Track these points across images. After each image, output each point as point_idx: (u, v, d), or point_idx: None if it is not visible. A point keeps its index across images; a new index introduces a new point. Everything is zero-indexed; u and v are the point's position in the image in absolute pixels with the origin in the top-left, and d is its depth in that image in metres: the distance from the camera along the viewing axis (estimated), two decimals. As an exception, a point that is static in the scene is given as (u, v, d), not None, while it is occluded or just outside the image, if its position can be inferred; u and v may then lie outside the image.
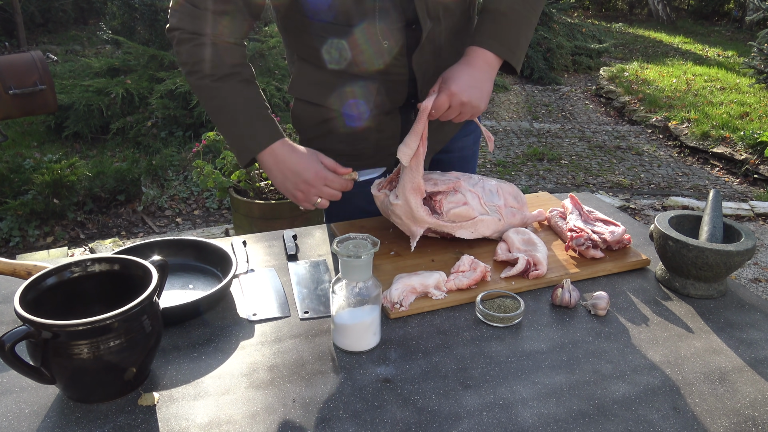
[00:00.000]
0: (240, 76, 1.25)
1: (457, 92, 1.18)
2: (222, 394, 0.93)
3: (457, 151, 1.59)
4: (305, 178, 1.22)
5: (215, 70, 1.23)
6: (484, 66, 1.24)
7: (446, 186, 1.30)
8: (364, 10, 1.23)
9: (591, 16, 13.38)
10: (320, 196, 1.24)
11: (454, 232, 1.30)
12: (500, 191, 1.37)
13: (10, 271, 1.11)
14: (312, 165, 1.23)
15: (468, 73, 1.21)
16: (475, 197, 1.31)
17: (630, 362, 1.01)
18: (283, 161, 1.24)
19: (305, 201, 1.26)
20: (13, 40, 6.86)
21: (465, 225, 1.29)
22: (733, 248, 1.15)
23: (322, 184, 1.23)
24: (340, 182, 1.25)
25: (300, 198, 1.25)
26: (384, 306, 1.12)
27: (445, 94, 1.18)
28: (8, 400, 0.91)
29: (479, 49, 1.24)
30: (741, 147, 5.16)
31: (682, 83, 7.33)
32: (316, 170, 1.23)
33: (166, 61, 5.40)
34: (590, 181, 4.83)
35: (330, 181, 1.24)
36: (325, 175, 1.23)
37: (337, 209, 1.55)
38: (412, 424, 0.87)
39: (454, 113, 1.22)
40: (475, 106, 1.21)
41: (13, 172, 3.94)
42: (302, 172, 1.23)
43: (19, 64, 3.59)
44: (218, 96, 1.24)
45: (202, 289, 1.18)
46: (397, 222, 1.29)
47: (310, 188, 1.23)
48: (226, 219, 3.94)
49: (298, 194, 1.25)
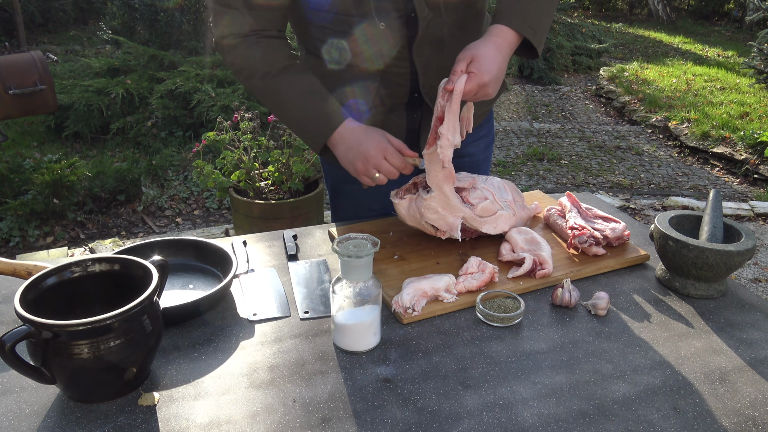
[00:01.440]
0: (295, 67, 1.28)
1: (488, 83, 1.17)
2: (222, 394, 0.93)
3: (468, 156, 1.58)
4: (366, 147, 1.24)
5: (271, 67, 1.26)
6: (504, 45, 1.21)
7: (467, 182, 1.30)
8: (363, 10, 1.23)
9: (591, 16, 13.37)
10: (379, 170, 1.25)
11: (481, 227, 1.29)
12: (506, 187, 1.38)
13: (10, 271, 1.11)
14: (375, 137, 1.25)
15: (498, 61, 1.18)
16: (489, 194, 1.31)
17: (630, 362, 1.01)
18: (349, 135, 1.26)
19: (364, 173, 1.26)
20: (13, 40, 6.86)
21: (489, 220, 1.30)
22: (733, 248, 1.15)
23: (382, 156, 1.24)
24: (400, 160, 1.25)
25: (360, 169, 1.26)
26: (396, 311, 1.12)
27: (476, 83, 1.15)
28: (8, 400, 0.91)
29: (502, 27, 1.21)
30: (741, 147, 5.16)
31: (682, 83, 7.33)
32: (378, 141, 1.24)
33: (166, 61, 5.40)
34: (590, 181, 4.83)
35: (390, 155, 1.24)
36: (386, 148, 1.24)
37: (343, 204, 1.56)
38: (412, 424, 0.87)
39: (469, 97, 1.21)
40: (488, 93, 1.20)
41: (13, 172, 3.94)
42: (365, 142, 1.24)
43: (19, 64, 3.59)
44: (279, 91, 1.28)
45: (202, 289, 1.18)
46: (432, 218, 1.27)
47: (370, 159, 1.24)
48: (226, 219, 3.94)
49: (358, 165, 1.26)
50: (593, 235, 1.31)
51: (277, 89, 1.28)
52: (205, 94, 4.75)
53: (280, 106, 1.31)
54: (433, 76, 1.33)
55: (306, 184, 3.14)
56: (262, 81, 1.28)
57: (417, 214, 1.28)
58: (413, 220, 1.31)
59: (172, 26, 5.91)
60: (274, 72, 1.27)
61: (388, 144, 1.25)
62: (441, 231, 1.29)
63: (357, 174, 1.28)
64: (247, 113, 3.21)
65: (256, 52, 1.26)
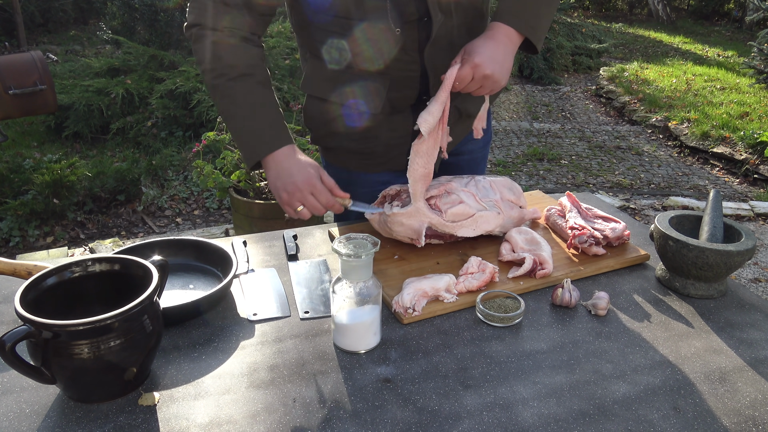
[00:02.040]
0: (255, 77, 1.25)
1: (481, 64, 1.18)
2: (222, 394, 0.93)
3: (467, 154, 1.58)
4: (295, 180, 1.22)
5: (231, 69, 1.23)
6: (506, 41, 1.23)
7: (437, 190, 1.30)
8: (364, 10, 1.23)
9: (591, 16, 13.37)
10: (303, 203, 1.23)
11: (455, 231, 1.29)
12: (494, 186, 1.37)
13: (10, 271, 1.11)
14: (306, 171, 1.23)
15: (491, 47, 1.20)
16: (469, 195, 1.31)
17: (630, 362, 1.01)
18: (283, 162, 1.24)
19: (288, 204, 1.25)
20: (13, 40, 6.86)
21: (465, 223, 1.29)
22: (733, 248, 1.15)
23: (309, 191, 1.22)
24: (327, 198, 1.24)
25: (284, 199, 1.25)
26: (396, 311, 1.12)
27: (469, 65, 1.18)
28: (9, 399, 0.91)
29: (501, 25, 1.23)
30: (741, 147, 5.16)
31: (682, 83, 7.33)
32: (308, 177, 1.22)
33: (166, 61, 5.40)
34: (590, 181, 4.83)
35: (317, 192, 1.23)
36: (315, 184, 1.22)
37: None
38: (412, 424, 0.87)
39: (475, 86, 1.21)
40: (497, 80, 1.21)
41: (13, 172, 3.94)
42: (295, 175, 1.22)
43: (19, 64, 3.59)
44: (231, 95, 1.24)
45: (203, 289, 1.18)
46: (399, 230, 1.29)
47: (296, 192, 1.22)
48: (226, 219, 3.94)
49: (283, 195, 1.24)
50: (593, 235, 1.31)
51: (229, 93, 1.24)
52: (205, 94, 4.75)
53: (226, 110, 1.27)
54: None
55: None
56: (217, 80, 1.23)
57: (385, 226, 1.30)
58: (386, 233, 1.32)
59: (172, 26, 5.91)
60: (233, 75, 1.23)
61: (318, 181, 1.23)
62: (415, 239, 1.29)
63: (281, 203, 1.26)
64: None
65: (222, 50, 1.23)
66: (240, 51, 1.24)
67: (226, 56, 1.23)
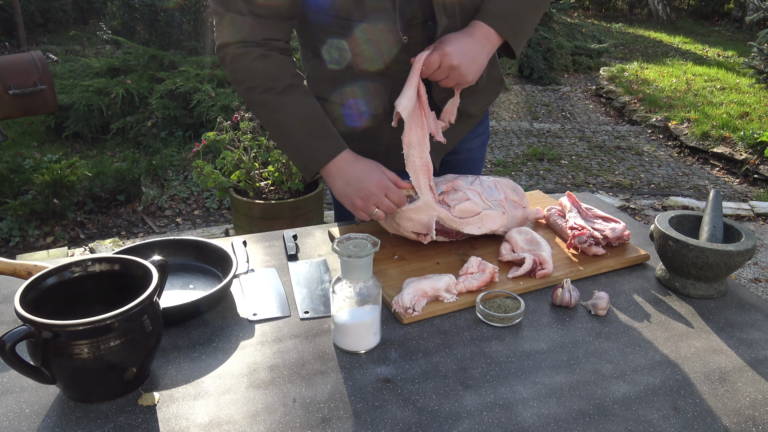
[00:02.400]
0: (299, 88, 1.25)
1: (450, 53, 1.19)
2: (222, 394, 0.93)
3: (464, 153, 1.59)
4: (367, 185, 1.22)
5: (276, 83, 1.22)
6: (483, 39, 1.24)
7: (446, 186, 1.30)
8: (365, 10, 1.23)
9: (591, 16, 13.37)
10: (379, 206, 1.23)
11: (462, 228, 1.29)
12: (498, 186, 1.38)
13: (10, 271, 1.11)
14: (375, 173, 1.23)
15: (464, 41, 1.21)
16: (475, 194, 1.31)
17: (630, 362, 1.01)
18: (347, 169, 1.24)
19: (364, 209, 1.24)
20: (13, 40, 6.86)
21: (471, 221, 1.29)
22: (733, 248, 1.15)
23: (383, 193, 1.23)
24: (400, 195, 1.24)
25: (359, 206, 1.24)
26: (396, 311, 1.12)
27: (437, 52, 1.19)
28: (8, 400, 0.91)
29: (482, 24, 1.24)
30: (741, 147, 5.16)
31: (682, 83, 7.33)
32: (380, 179, 1.23)
33: (166, 61, 5.40)
34: (590, 181, 4.83)
35: (391, 192, 1.23)
36: (387, 185, 1.23)
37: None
38: (412, 424, 0.87)
39: (441, 75, 1.22)
40: (463, 74, 1.21)
41: (13, 172, 3.94)
42: (365, 179, 1.22)
43: (19, 64, 3.59)
44: (281, 109, 1.23)
45: (203, 289, 1.18)
46: (408, 226, 1.28)
47: (371, 196, 1.22)
48: (226, 219, 3.94)
49: (357, 202, 1.24)
50: (593, 235, 1.31)
51: (277, 108, 1.23)
52: (205, 94, 4.75)
53: (277, 125, 1.26)
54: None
55: (306, 184, 3.14)
56: (262, 96, 1.23)
57: (393, 223, 1.29)
58: (394, 230, 1.32)
59: (172, 26, 5.91)
60: (279, 89, 1.22)
61: (388, 181, 1.24)
62: (422, 235, 1.29)
63: (354, 209, 1.26)
64: (247, 113, 3.21)
65: (261, 66, 1.21)
66: (282, 63, 1.23)
67: (270, 70, 1.21)
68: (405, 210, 1.26)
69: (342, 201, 1.27)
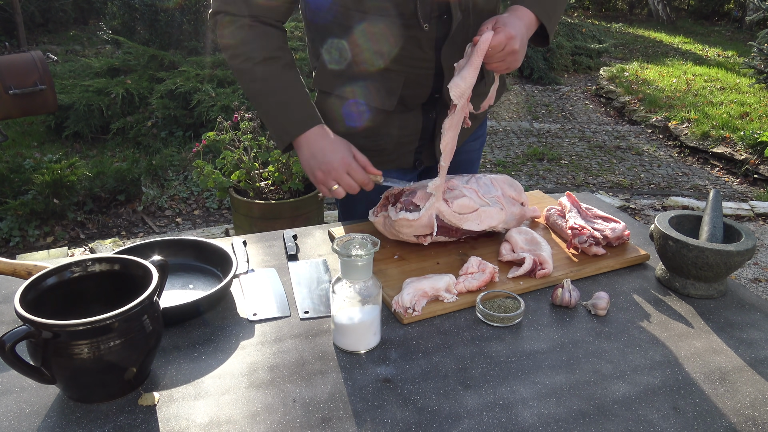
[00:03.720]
0: (281, 60, 1.27)
1: (515, 37, 1.16)
2: (222, 394, 0.93)
3: (464, 154, 1.60)
4: (330, 159, 1.24)
5: (257, 53, 1.25)
6: (529, 23, 1.23)
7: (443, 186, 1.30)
8: (364, 9, 1.23)
9: (591, 16, 13.37)
10: (339, 182, 1.25)
11: (461, 224, 1.29)
12: (494, 183, 1.38)
13: (10, 271, 1.11)
14: (340, 150, 1.25)
15: (520, 26, 1.20)
16: (471, 192, 1.31)
17: (630, 362, 1.01)
18: (315, 142, 1.26)
19: (323, 183, 1.27)
20: (13, 40, 6.86)
21: (470, 217, 1.29)
22: (733, 248, 1.15)
23: (344, 171, 1.25)
24: (362, 176, 1.26)
25: (319, 178, 1.27)
26: (396, 311, 1.12)
27: (504, 34, 1.16)
28: (8, 400, 0.91)
29: (524, 8, 1.23)
30: (741, 147, 5.16)
31: (682, 83, 7.33)
32: (343, 156, 1.25)
33: (166, 61, 5.40)
34: (590, 181, 4.83)
35: (353, 171, 1.25)
36: (350, 163, 1.25)
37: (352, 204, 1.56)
38: (412, 424, 0.87)
39: (499, 58, 1.19)
40: (518, 60, 1.20)
41: (13, 172, 3.94)
42: (329, 154, 1.24)
43: (19, 64, 3.59)
44: (258, 79, 1.27)
45: (203, 289, 1.18)
46: (407, 232, 1.28)
47: (332, 171, 1.25)
48: (226, 219, 3.94)
49: (318, 174, 1.26)
50: (593, 235, 1.31)
51: (257, 77, 1.27)
52: (205, 94, 4.75)
53: (255, 94, 1.29)
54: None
55: (306, 184, 3.14)
56: (245, 64, 1.26)
57: (392, 230, 1.29)
58: (392, 235, 1.32)
59: (172, 26, 5.91)
60: (259, 59, 1.26)
61: (353, 159, 1.25)
62: (422, 237, 1.29)
63: (315, 182, 1.28)
64: (247, 113, 3.21)
65: (248, 35, 1.25)
66: (266, 36, 1.26)
67: (252, 41, 1.25)
68: (398, 220, 1.25)
69: (307, 173, 1.30)
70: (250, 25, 1.25)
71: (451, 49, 1.30)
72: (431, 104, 1.40)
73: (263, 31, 1.26)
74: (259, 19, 1.26)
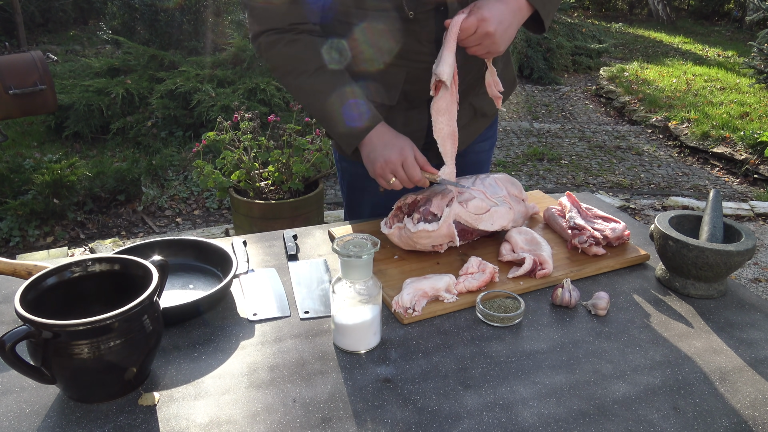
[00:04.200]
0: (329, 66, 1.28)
1: (488, 19, 1.15)
2: (222, 394, 0.93)
3: (473, 155, 1.59)
4: (389, 152, 1.26)
5: (308, 65, 1.27)
6: (516, 8, 1.21)
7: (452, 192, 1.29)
8: (364, 10, 1.23)
9: (591, 16, 13.37)
10: (395, 175, 1.27)
11: (478, 225, 1.29)
12: (498, 182, 1.38)
13: (10, 271, 1.11)
14: (401, 144, 1.27)
15: (500, 8, 1.18)
16: (479, 193, 1.31)
17: (630, 362, 1.01)
18: (379, 137, 1.28)
19: (381, 175, 1.29)
20: (13, 40, 6.86)
21: (484, 217, 1.29)
22: (733, 248, 1.15)
23: (400, 164, 1.26)
24: (416, 173, 1.27)
25: (378, 171, 1.28)
26: (396, 311, 1.12)
27: (476, 17, 1.16)
28: (9, 399, 0.91)
29: None
30: (741, 147, 5.16)
31: (682, 83, 7.33)
32: (402, 149, 1.26)
33: (166, 61, 5.40)
34: (590, 181, 4.83)
35: (408, 165, 1.26)
36: (407, 158, 1.26)
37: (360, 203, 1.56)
38: (412, 424, 0.87)
39: (474, 41, 1.19)
40: (497, 42, 1.18)
41: (13, 172, 3.94)
42: (389, 147, 1.26)
43: (19, 64, 3.58)
44: (315, 92, 1.28)
45: (203, 289, 1.18)
46: (426, 242, 1.27)
47: (389, 164, 1.26)
48: (226, 219, 3.94)
49: (377, 166, 1.28)
50: (593, 235, 1.31)
51: (312, 90, 1.29)
52: (205, 94, 4.75)
53: (314, 106, 1.31)
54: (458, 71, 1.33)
55: (306, 184, 3.14)
56: (297, 80, 1.29)
57: (410, 241, 1.29)
58: (407, 245, 1.30)
59: (172, 26, 5.91)
60: (311, 71, 1.27)
61: (411, 155, 1.26)
62: (438, 245, 1.29)
63: (375, 175, 1.30)
64: (247, 113, 3.21)
65: (291, 51, 1.27)
66: (311, 45, 1.27)
67: (300, 54, 1.27)
68: (417, 232, 1.25)
69: (367, 167, 1.31)
70: (292, 40, 1.26)
71: None
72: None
73: (306, 43, 1.27)
74: (299, 30, 1.26)
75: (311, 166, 3.08)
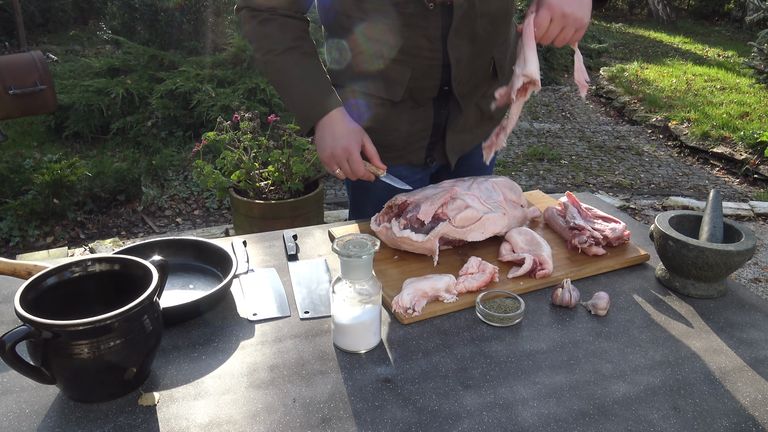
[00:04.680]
0: (300, 49, 1.32)
1: (557, 3, 1.12)
2: (222, 394, 0.93)
3: (477, 157, 1.58)
4: (336, 145, 1.29)
5: (277, 44, 1.31)
6: None
7: (442, 198, 1.28)
8: (364, 10, 1.23)
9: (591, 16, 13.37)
10: (340, 167, 1.31)
11: (465, 237, 1.29)
12: (495, 187, 1.37)
13: (10, 271, 1.11)
14: (347, 138, 1.29)
15: None
16: (474, 199, 1.31)
17: (630, 362, 1.01)
18: (332, 125, 1.31)
19: (327, 165, 1.33)
20: (13, 40, 6.86)
21: (474, 227, 1.29)
22: (733, 248, 1.15)
23: (345, 158, 1.29)
24: (360, 169, 1.30)
25: (325, 160, 1.33)
26: (396, 312, 1.11)
27: (544, 8, 1.13)
28: (9, 400, 0.91)
29: None
30: (741, 147, 5.16)
31: (682, 83, 7.33)
32: (348, 144, 1.29)
33: (166, 61, 5.39)
34: (590, 181, 4.83)
35: (352, 161, 1.29)
36: (352, 152, 1.29)
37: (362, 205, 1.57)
38: (412, 424, 0.87)
39: (556, 29, 1.15)
40: (578, 17, 1.14)
41: (13, 172, 3.94)
42: (337, 139, 1.29)
43: (19, 64, 3.59)
44: (280, 70, 1.33)
45: (203, 289, 1.18)
46: (409, 249, 1.28)
47: (335, 157, 1.30)
48: (226, 219, 3.94)
49: (324, 156, 1.32)
50: (593, 235, 1.31)
51: (278, 68, 1.33)
52: (205, 94, 4.75)
53: (278, 83, 1.35)
54: (464, 69, 1.34)
55: (306, 184, 3.14)
56: (265, 57, 1.32)
57: (394, 243, 1.30)
58: (394, 245, 1.31)
59: (172, 26, 5.91)
60: (278, 51, 1.31)
61: (357, 150, 1.29)
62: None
63: (323, 162, 1.35)
64: (247, 113, 3.21)
65: (267, 28, 1.31)
66: (284, 27, 1.31)
67: (271, 33, 1.31)
68: (402, 238, 1.25)
69: (317, 152, 1.36)
70: (269, 19, 1.30)
71: (457, 39, 1.29)
72: (443, 100, 1.40)
73: (282, 23, 1.31)
74: (277, 12, 1.30)
75: (311, 166, 3.08)
